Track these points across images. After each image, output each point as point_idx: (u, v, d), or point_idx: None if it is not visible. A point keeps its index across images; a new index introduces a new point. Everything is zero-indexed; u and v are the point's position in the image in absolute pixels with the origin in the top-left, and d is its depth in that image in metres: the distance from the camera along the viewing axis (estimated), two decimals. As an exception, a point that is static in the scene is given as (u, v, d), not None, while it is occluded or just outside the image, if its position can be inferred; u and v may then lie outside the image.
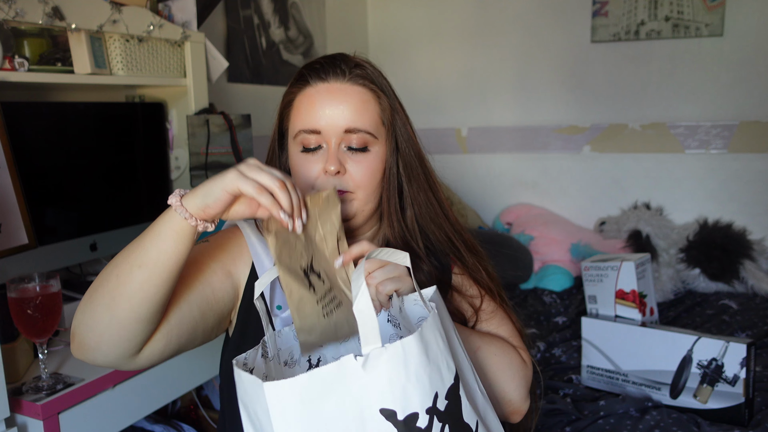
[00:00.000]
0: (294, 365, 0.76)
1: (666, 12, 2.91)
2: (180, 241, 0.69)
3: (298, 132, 0.86)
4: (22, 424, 1.16)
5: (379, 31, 3.47)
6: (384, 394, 0.57)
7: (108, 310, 0.70)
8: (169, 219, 0.70)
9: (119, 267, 0.70)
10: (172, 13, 1.85)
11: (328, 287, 0.74)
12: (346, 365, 0.56)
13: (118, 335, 0.71)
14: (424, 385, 0.59)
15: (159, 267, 0.69)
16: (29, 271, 1.23)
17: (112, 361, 0.74)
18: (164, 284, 0.70)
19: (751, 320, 2.26)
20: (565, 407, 1.63)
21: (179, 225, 0.69)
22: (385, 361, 0.57)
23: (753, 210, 2.89)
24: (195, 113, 1.88)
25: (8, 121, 1.39)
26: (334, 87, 0.86)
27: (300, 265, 0.73)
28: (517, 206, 3.26)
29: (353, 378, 0.56)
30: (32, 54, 1.48)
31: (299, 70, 0.91)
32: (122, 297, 0.69)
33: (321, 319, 0.73)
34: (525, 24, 3.18)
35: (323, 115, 0.85)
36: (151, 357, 0.76)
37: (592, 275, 1.85)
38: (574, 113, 3.17)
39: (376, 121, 0.87)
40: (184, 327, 0.78)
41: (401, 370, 0.57)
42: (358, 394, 0.56)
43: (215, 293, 0.83)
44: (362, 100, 0.86)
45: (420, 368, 0.59)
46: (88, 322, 0.71)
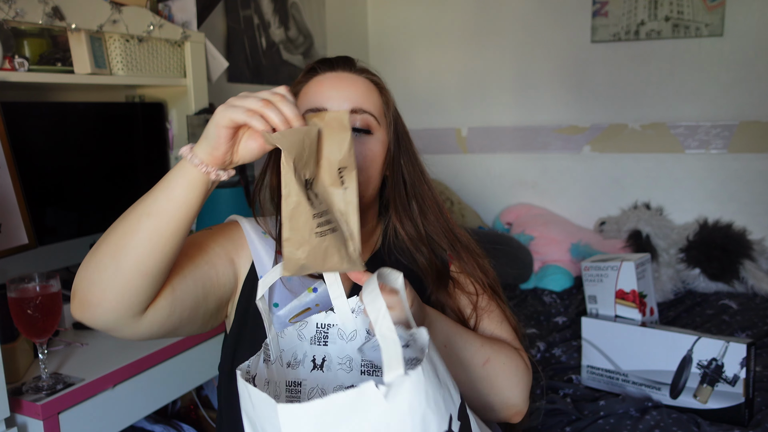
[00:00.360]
0: (297, 366, 0.75)
1: (666, 12, 2.91)
2: (191, 190, 0.68)
3: (305, 112, 0.87)
4: (22, 424, 1.16)
5: (379, 31, 3.47)
6: (404, 422, 0.54)
7: (113, 261, 0.68)
8: (180, 168, 0.68)
9: (127, 218, 0.69)
10: (172, 13, 1.85)
11: (324, 209, 0.69)
12: (367, 394, 0.52)
13: (122, 288, 0.69)
14: (440, 409, 0.57)
15: (168, 216, 0.68)
16: (29, 271, 1.23)
17: (113, 318, 0.71)
18: (173, 236, 0.69)
19: (751, 320, 2.26)
20: (565, 407, 1.63)
21: (191, 173, 0.67)
22: (406, 389, 0.54)
23: (753, 210, 2.89)
24: (195, 113, 1.88)
25: (8, 121, 1.39)
26: (341, 75, 0.89)
27: (303, 174, 0.68)
28: (517, 206, 3.26)
29: (373, 406, 0.53)
30: (32, 54, 1.49)
31: (309, 65, 0.93)
32: (129, 247, 0.68)
33: (312, 236, 0.67)
34: (525, 24, 3.18)
35: (331, 95, 0.87)
36: (152, 323, 0.75)
37: (592, 275, 1.85)
38: (574, 113, 3.17)
39: (379, 109, 0.90)
40: (188, 302, 0.78)
41: (422, 397, 0.55)
42: (377, 422, 0.53)
43: (219, 276, 0.84)
44: (368, 88, 0.90)
45: (436, 392, 0.57)
46: (92, 277, 0.69)
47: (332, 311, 0.76)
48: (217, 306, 0.86)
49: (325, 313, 0.76)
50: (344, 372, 0.76)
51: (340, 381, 0.76)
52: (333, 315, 0.76)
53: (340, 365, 0.76)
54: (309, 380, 0.75)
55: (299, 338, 0.76)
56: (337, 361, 0.76)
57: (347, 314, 0.76)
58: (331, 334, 0.77)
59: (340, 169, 0.71)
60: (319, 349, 0.76)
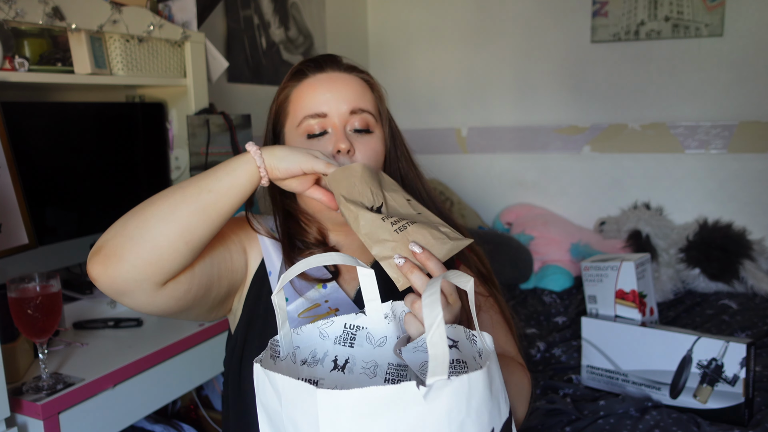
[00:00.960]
0: (315, 364, 0.73)
1: (666, 12, 2.91)
2: (248, 182, 0.74)
3: (302, 119, 0.87)
4: (22, 424, 1.16)
5: (379, 31, 3.47)
6: (441, 426, 0.54)
7: (162, 223, 0.71)
8: (245, 161, 0.74)
9: (187, 190, 0.73)
10: (172, 13, 1.85)
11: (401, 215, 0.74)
12: (407, 391, 0.53)
13: (161, 250, 0.70)
14: (483, 421, 0.57)
15: (227, 198, 0.73)
16: (29, 271, 1.23)
17: (138, 279, 0.71)
18: (223, 215, 0.74)
19: (750, 320, 2.26)
20: (565, 407, 1.63)
21: (252, 169, 0.74)
22: (447, 393, 0.54)
23: (753, 210, 2.89)
24: (195, 113, 1.88)
25: (8, 121, 1.39)
26: (333, 75, 0.89)
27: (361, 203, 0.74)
28: (517, 206, 3.26)
29: (411, 405, 0.53)
30: (32, 54, 1.49)
31: (295, 67, 0.93)
32: (183, 213, 0.71)
33: (393, 234, 0.70)
34: (525, 24, 3.18)
35: (327, 98, 0.87)
36: (170, 297, 0.76)
37: (592, 275, 1.85)
38: (574, 113, 3.17)
39: (374, 106, 0.91)
40: (204, 280, 0.80)
41: (463, 405, 0.55)
42: (414, 421, 0.54)
43: (233, 262, 0.86)
44: (362, 87, 0.90)
45: (482, 404, 0.57)
46: (131, 233, 0.71)
47: (363, 313, 0.75)
48: (227, 291, 0.87)
49: (355, 314, 0.75)
50: (366, 377, 0.75)
51: (361, 385, 0.73)
52: (363, 317, 0.75)
53: (364, 369, 0.75)
54: (327, 380, 0.73)
55: (321, 336, 0.74)
56: (361, 365, 0.75)
57: (379, 319, 0.75)
58: (358, 336, 0.75)
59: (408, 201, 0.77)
60: (342, 350, 0.74)
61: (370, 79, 0.93)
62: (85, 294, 1.63)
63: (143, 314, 1.64)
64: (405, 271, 0.68)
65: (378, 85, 0.93)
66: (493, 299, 0.95)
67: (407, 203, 0.77)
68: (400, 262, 0.69)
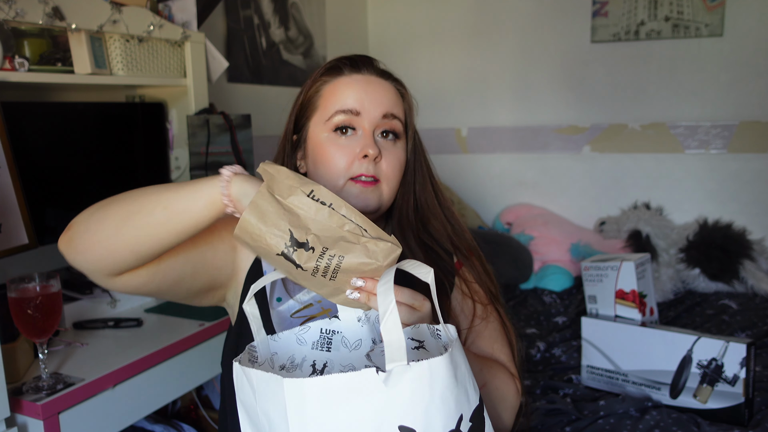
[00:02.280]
0: (294, 369, 0.74)
1: (666, 12, 2.91)
2: (206, 208, 0.70)
3: (334, 113, 0.86)
4: (22, 424, 1.16)
5: (379, 31, 3.47)
6: (405, 411, 0.56)
7: (115, 229, 0.71)
8: (211, 184, 0.70)
9: (147, 199, 0.71)
10: (172, 13, 1.85)
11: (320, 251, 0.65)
12: (368, 377, 0.55)
13: (109, 253, 0.72)
14: (449, 407, 0.58)
15: (180, 219, 0.70)
16: (29, 271, 1.23)
17: (88, 270, 0.75)
18: (175, 236, 0.71)
19: (750, 320, 2.26)
20: (565, 407, 1.63)
21: (214, 195, 0.69)
22: (408, 379, 0.56)
23: (753, 210, 2.89)
24: (195, 113, 1.88)
25: (8, 121, 1.39)
26: (370, 78, 0.89)
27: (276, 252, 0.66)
28: (517, 206, 3.26)
29: (374, 391, 0.55)
30: (32, 54, 1.49)
31: (329, 63, 0.91)
32: (134, 225, 0.71)
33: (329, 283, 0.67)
34: (525, 24, 3.18)
35: (362, 98, 0.86)
36: (125, 287, 0.77)
37: (592, 275, 1.85)
38: (574, 113, 3.17)
39: (404, 115, 0.91)
40: (170, 277, 0.79)
41: (426, 390, 0.56)
42: (378, 407, 0.55)
43: (216, 260, 0.85)
44: (395, 94, 0.90)
45: (447, 390, 0.58)
46: (91, 227, 0.72)
47: (336, 318, 0.75)
48: (206, 286, 0.86)
49: (329, 319, 0.75)
50: None
51: None
52: (338, 322, 0.75)
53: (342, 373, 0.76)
54: None
55: (298, 342, 0.75)
56: (339, 369, 0.75)
57: (353, 322, 0.75)
58: (334, 341, 0.76)
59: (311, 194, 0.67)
60: (320, 355, 0.76)
61: (403, 89, 0.92)
62: (85, 294, 1.63)
63: (143, 315, 1.65)
64: (364, 301, 0.68)
65: (409, 96, 0.93)
66: (500, 325, 0.95)
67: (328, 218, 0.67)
68: (355, 296, 0.68)
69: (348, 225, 0.67)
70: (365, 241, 0.66)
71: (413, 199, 0.94)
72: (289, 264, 0.65)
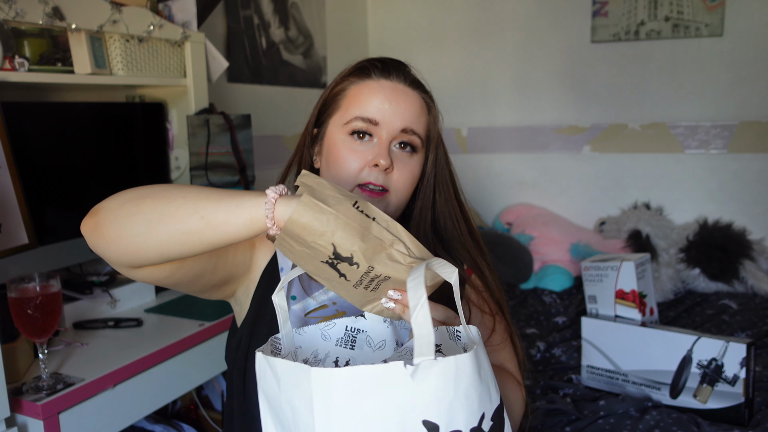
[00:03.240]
0: (317, 364, 0.74)
1: (666, 12, 2.91)
2: (245, 227, 0.66)
3: (353, 118, 0.86)
4: (22, 424, 1.16)
5: (379, 31, 3.47)
6: (429, 406, 0.56)
7: (146, 228, 0.68)
8: (253, 204, 0.65)
9: (185, 203, 0.67)
10: (172, 13, 1.85)
11: (365, 269, 0.66)
12: (395, 370, 0.55)
13: (135, 250, 0.69)
14: (472, 405, 0.58)
15: (216, 232, 0.66)
16: (29, 271, 1.23)
17: (111, 258, 0.72)
18: (208, 246, 0.68)
19: (750, 320, 2.26)
20: (565, 407, 1.63)
21: (257, 215, 0.65)
22: (435, 374, 0.56)
23: (753, 210, 2.89)
24: (195, 113, 1.88)
25: (8, 121, 1.39)
26: (397, 87, 0.87)
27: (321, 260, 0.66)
28: (517, 206, 3.26)
29: (400, 384, 0.55)
30: (32, 54, 1.49)
31: (360, 63, 0.91)
32: (167, 229, 0.67)
33: (369, 294, 0.68)
34: (525, 24, 3.18)
35: (385, 108, 0.85)
36: (145, 278, 0.76)
37: (592, 275, 1.85)
38: (574, 113, 3.17)
39: (426, 129, 0.89)
40: (192, 272, 0.78)
41: (450, 386, 0.57)
42: (403, 401, 0.56)
43: (236, 256, 0.84)
44: (421, 107, 0.88)
45: (471, 387, 0.58)
46: (120, 219, 0.69)
47: (363, 317, 0.75)
48: (222, 281, 0.85)
49: (355, 317, 0.75)
50: None
51: None
52: (363, 321, 0.75)
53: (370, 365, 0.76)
54: None
55: (323, 338, 0.75)
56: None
57: (379, 322, 0.75)
58: (359, 339, 0.76)
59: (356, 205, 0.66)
60: (344, 352, 0.76)
61: (430, 101, 0.91)
62: (85, 294, 1.63)
63: (143, 315, 1.65)
64: (398, 312, 0.68)
65: (435, 108, 0.92)
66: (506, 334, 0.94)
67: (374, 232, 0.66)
68: (390, 306, 0.68)
69: (396, 243, 0.66)
70: (410, 262, 0.66)
71: (432, 215, 0.92)
72: (333, 272, 0.65)
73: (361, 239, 0.64)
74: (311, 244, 0.64)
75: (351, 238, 0.64)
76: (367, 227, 0.65)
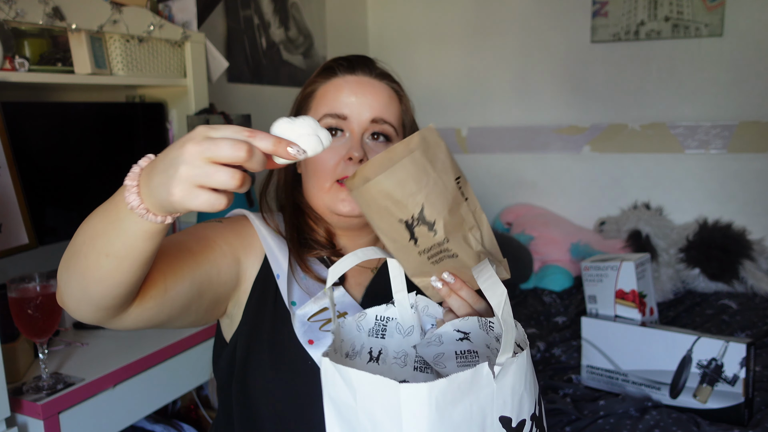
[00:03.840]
0: (355, 357, 0.75)
1: (666, 12, 2.91)
2: (146, 240, 0.59)
3: (323, 116, 0.86)
4: (22, 424, 1.16)
5: (379, 31, 3.47)
6: (506, 402, 0.58)
7: (81, 288, 0.63)
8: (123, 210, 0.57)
9: (87, 250, 0.61)
10: (172, 14, 1.85)
11: (440, 239, 0.66)
12: (481, 373, 0.56)
13: (95, 305, 0.65)
14: (532, 393, 0.62)
15: (128, 258, 0.60)
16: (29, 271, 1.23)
17: (92, 320, 0.68)
18: (137, 270, 0.62)
19: (750, 320, 2.27)
20: (565, 407, 1.63)
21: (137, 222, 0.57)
22: (512, 371, 0.58)
23: (752, 210, 2.89)
24: (195, 113, 1.88)
25: (8, 121, 1.39)
26: (362, 80, 0.88)
27: (400, 218, 0.64)
28: (517, 206, 3.26)
29: (484, 386, 0.57)
30: (33, 54, 1.49)
31: (325, 63, 0.91)
32: (93, 281, 0.62)
33: (428, 265, 0.69)
34: (525, 24, 3.18)
35: (351, 101, 0.85)
36: (137, 322, 0.71)
37: (592, 275, 1.85)
38: (574, 113, 3.17)
39: (398, 118, 0.89)
40: (179, 302, 0.74)
41: (521, 380, 0.59)
42: (485, 401, 0.57)
43: (220, 275, 0.80)
44: (389, 96, 0.88)
45: (531, 376, 0.62)
46: (65, 289, 0.65)
47: (392, 304, 0.77)
48: (212, 304, 0.82)
49: (385, 306, 0.77)
50: (398, 366, 0.77)
51: (395, 375, 0.77)
52: (393, 308, 0.77)
53: (395, 359, 0.77)
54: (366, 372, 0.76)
55: (357, 329, 0.76)
56: (392, 355, 0.77)
57: (407, 309, 0.77)
58: (389, 327, 0.77)
59: (458, 180, 0.67)
60: (376, 342, 0.77)
61: (400, 90, 0.91)
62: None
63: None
64: (443, 294, 0.71)
65: (406, 97, 0.92)
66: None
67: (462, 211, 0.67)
68: (438, 285, 0.71)
69: (474, 230, 0.68)
70: (480, 251, 0.69)
71: None
72: (405, 234, 0.66)
73: (448, 211, 0.66)
74: (400, 200, 0.63)
75: (441, 206, 0.65)
76: (458, 203, 0.67)
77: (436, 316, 0.79)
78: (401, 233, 0.66)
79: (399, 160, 0.62)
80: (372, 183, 0.62)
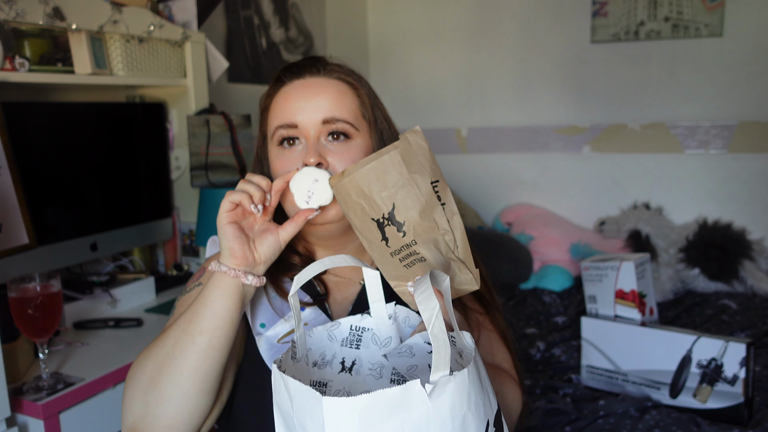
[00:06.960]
0: (324, 366, 0.73)
1: (665, 12, 2.91)
2: (228, 297, 0.72)
3: (275, 129, 0.84)
4: (22, 424, 1.16)
5: (379, 31, 3.47)
6: (445, 423, 0.54)
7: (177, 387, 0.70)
8: (213, 281, 0.73)
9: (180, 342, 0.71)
10: (172, 14, 1.85)
11: (408, 240, 0.67)
12: (412, 391, 0.53)
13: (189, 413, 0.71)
14: (480, 414, 0.57)
15: (217, 329, 0.71)
16: (30, 271, 1.23)
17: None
18: (226, 345, 0.72)
19: (750, 320, 2.27)
20: (565, 407, 1.63)
21: (223, 282, 0.72)
22: (450, 389, 0.54)
23: (752, 210, 2.89)
24: (195, 113, 1.88)
25: (8, 121, 1.39)
26: (308, 82, 0.84)
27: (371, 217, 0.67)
28: (517, 206, 3.26)
29: (417, 404, 0.53)
30: (33, 54, 1.49)
31: (276, 74, 0.89)
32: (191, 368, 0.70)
33: (403, 269, 0.69)
34: (525, 24, 3.18)
35: (299, 107, 0.82)
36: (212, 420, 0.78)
37: (592, 275, 1.86)
38: (574, 113, 3.17)
39: (355, 113, 0.84)
40: (224, 393, 0.80)
41: (464, 400, 0.55)
42: (419, 421, 0.54)
43: (235, 348, 0.83)
44: (339, 92, 0.84)
45: (477, 396, 0.57)
46: (155, 411, 0.70)
47: (368, 314, 0.74)
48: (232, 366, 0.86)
49: (360, 315, 0.75)
50: (373, 378, 0.75)
51: (368, 386, 0.75)
52: (369, 318, 0.75)
53: (371, 371, 0.75)
54: (335, 382, 0.74)
55: (329, 338, 0.74)
56: (367, 366, 0.75)
57: (384, 319, 0.75)
58: (364, 338, 0.75)
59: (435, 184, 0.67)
60: (349, 352, 0.75)
61: (354, 81, 0.86)
62: (85, 294, 1.63)
63: (143, 315, 1.65)
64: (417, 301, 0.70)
65: (362, 89, 0.86)
66: (490, 318, 0.93)
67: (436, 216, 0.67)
68: (412, 290, 0.70)
69: (447, 235, 0.67)
70: (451, 258, 0.68)
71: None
72: (377, 233, 0.67)
73: (419, 213, 0.66)
74: (372, 198, 0.65)
75: (412, 207, 0.65)
76: (432, 207, 0.66)
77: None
78: (374, 232, 0.66)
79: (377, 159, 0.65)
80: (348, 179, 0.65)
